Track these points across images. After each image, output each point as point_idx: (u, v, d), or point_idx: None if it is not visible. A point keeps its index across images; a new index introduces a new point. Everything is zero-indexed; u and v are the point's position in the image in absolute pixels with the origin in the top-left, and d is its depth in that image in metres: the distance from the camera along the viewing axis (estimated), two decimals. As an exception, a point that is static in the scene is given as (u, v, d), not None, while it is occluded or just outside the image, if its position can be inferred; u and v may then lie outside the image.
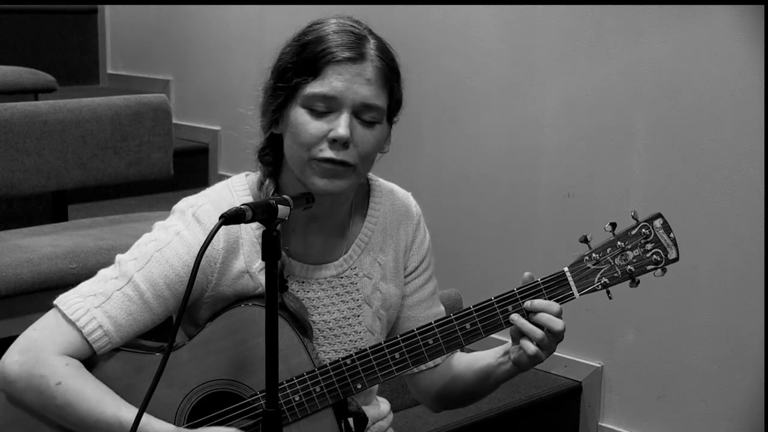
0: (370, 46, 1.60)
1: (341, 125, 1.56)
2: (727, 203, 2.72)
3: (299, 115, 1.59)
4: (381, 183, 1.81)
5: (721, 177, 2.72)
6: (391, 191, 1.82)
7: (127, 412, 1.56)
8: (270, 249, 1.40)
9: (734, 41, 2.65)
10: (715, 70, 2.70)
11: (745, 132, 2.66)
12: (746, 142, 2.66)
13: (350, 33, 1.60)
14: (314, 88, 1.57)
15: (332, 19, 1.64)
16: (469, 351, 1.82)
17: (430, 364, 1.83)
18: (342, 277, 1.74)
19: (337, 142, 1.57)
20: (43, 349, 1.57)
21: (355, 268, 1.75)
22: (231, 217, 1.39)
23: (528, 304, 1.63)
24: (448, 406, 1.88)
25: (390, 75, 1.62)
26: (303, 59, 1.59)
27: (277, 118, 1.64)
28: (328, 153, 1.57)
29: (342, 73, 1.57)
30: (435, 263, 1.87)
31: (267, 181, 1.68)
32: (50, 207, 3.38)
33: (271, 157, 1.68)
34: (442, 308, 1.88)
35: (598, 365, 3.06)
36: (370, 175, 1.79)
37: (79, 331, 1.58)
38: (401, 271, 1.81)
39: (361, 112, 1.59)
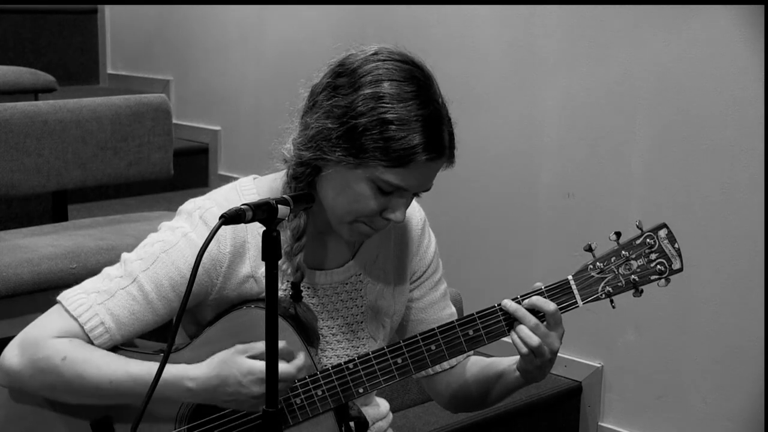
0: (446, 135, 1.58)
1: (402, 211, 1.59)
2: (727, 203, 2.72)
3: (363, 186, 1.56)
4: None
5: (722, 177, 2.72)
6: None
7: (136, 366, 1.57)
8: (270, 249, 1.40)
9: (734, 41, 2.65)
10: (715, 70, 2.70)
11: (745, 132, 2.66)
12: (746, 142, 2.66)
13: (434, 120, 1.55)
14: (391, 177, 1.54)
15: (410, 85, 1.55)
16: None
17: (446, 365, 1.83)
18: (347, 284, 1.74)
19: (389, 221, 1.59)
20: (43, 336, 1.58)
21: (360, 275, 1.74)
22: (231, 217, 1.38)
23: (526, 302, 1.65)
24: (463, 408, 1.89)
25: (453, 156, 1.62)
26: (389, 147, 1.52)
27: (334, 161, 1.56)
28: (377, 225, 1.60)
29: (422, 171, 1.56)
30: (434, 237, 1.87)
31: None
32: (50, 207, 3.38)
33: (304, 178, 1.62)
34: (454, 310, 1.88)
35: (598, 365, 3.06)
36: None
37: (81, 326, 1.58)
38: (407, 278, 1.81)
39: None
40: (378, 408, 1.86)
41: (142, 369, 1.55)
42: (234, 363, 1.54)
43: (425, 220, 1.83)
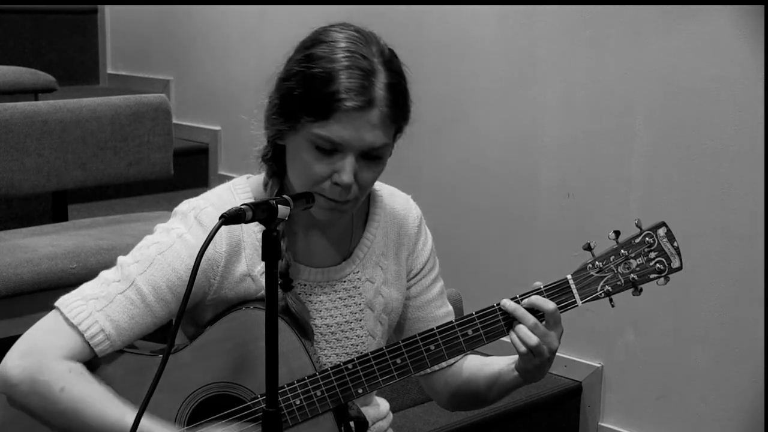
0: (380, 87, 1.55)
1: (346, 171, 1.55)
2: (727, 203, 2.72)
3: (304, 149, 1.57)
4: (381, 187, 1.81)
5: (721, 177, 2.72)
6: (391, 195, 1.82)
7: (131, 418, 1.53)
8: (270, 249, 1.40)
9: (734, 41, 2.65)
10: (715, 70, 2.70)
11: (745, 132, 2.66)
12: (746, 142, 2.66)
13: (359, 70, 1.54)
14: (320, 130, 1.54)
15: (342, 43, 1.57)
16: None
17: (443, 364, 1.83)
18: (345, 281, 1.74)
19: (339, 186, 1.57)
20: (46, 353, 1.57)
21: (357, 272, 1.75)
22: (231, 217, 1.38)
23: (525, 301, 1.65)
24: (461, 407, 1.89)
25: (398, 113, 1.59)
26: (310, 98, 1.54)
27: (282, 132, 1.61)
28: (330, 194, 1.57)
29: (350, 121, 1.53)
30: (431, 236, 1.87)
31: (271, 182, 1.67)
32: (50, 207, 3.38)
33: (275, 159, 1.67)
34: (451, 308, 1.88)
35: (598, 365, 3.06)
36: None
37: (81, 334, 1.58)
38: (403, 275, 1.81)
39: (366, 154, 1.57)
40: (378, 408, 1.87)
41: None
42: None
43: (421, 218, 1.83)
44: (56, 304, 1.61)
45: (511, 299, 1.65)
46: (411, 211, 1.82)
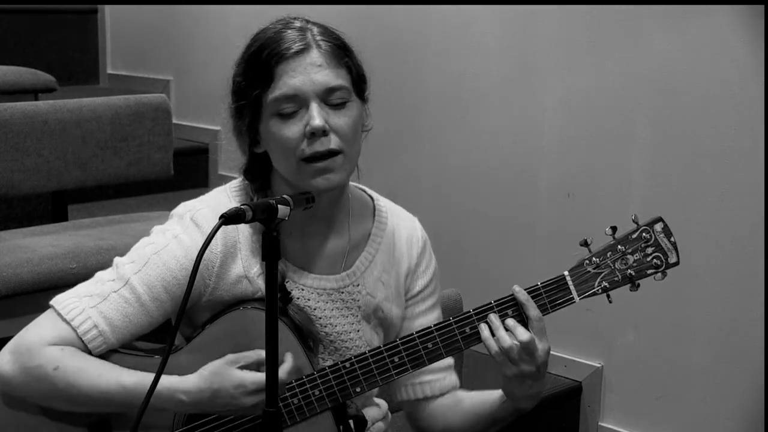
0: (313, 34, 1.62)
1: (313, 116, 1.57)
2: (727, 203, 2.72)
3: (271, 125, 1.60)
4: (387, 204, 1.81)
5: (721, 177, 2.72)
6: (398, 214, 1.81)
7: (128, 377, 1.56)
8: (270, 249, 1.40)
9: (734, 41, 2.65)
10: (715, 70, 2.70)
11: (745, 132, 2.66)
12: (746, 142, 2.66)
13: (291, 29, 1.62)
14: (273, 93, 1.58)
15: (271, 25, 1.66)
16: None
17: (428, 393, 1.83)
18: (343, 292, 1.73)
19: (315, 135, 1.57)
20: (35, 342, 1.58)
21: (358, 285, 1.74)
22: (231, 217, 1.39)
23: (510, 322, 1.63)
24: None
25: (340, 53, 1.63)
26: (254, 71, 1.61)
27: (253, 136, 1.65)
28: (312, 149, 1.58)
29: (294, 68, 1.58)
30: (436, 263, 1.86)
31: (256, 197, 1.68)
32: (50, 207, 3.38)
33: (257, 172, 1.69)
34: None
35: (598, 365, 3.06)
36: (375, 194, 1.80)
37: (75, 330, 1.58)
38: (402, 293, 1.80)
39: (327, 98, 1.59)
40: (378, 409, 1.87)
41: (135, 380, 1.54)
42: (225, 375, 1.53)
43: (426, 241, 1.83)
44: (51, 302, 1.62)
45: (509, 298, 1.65)
46: (415, 232, 1.82)
